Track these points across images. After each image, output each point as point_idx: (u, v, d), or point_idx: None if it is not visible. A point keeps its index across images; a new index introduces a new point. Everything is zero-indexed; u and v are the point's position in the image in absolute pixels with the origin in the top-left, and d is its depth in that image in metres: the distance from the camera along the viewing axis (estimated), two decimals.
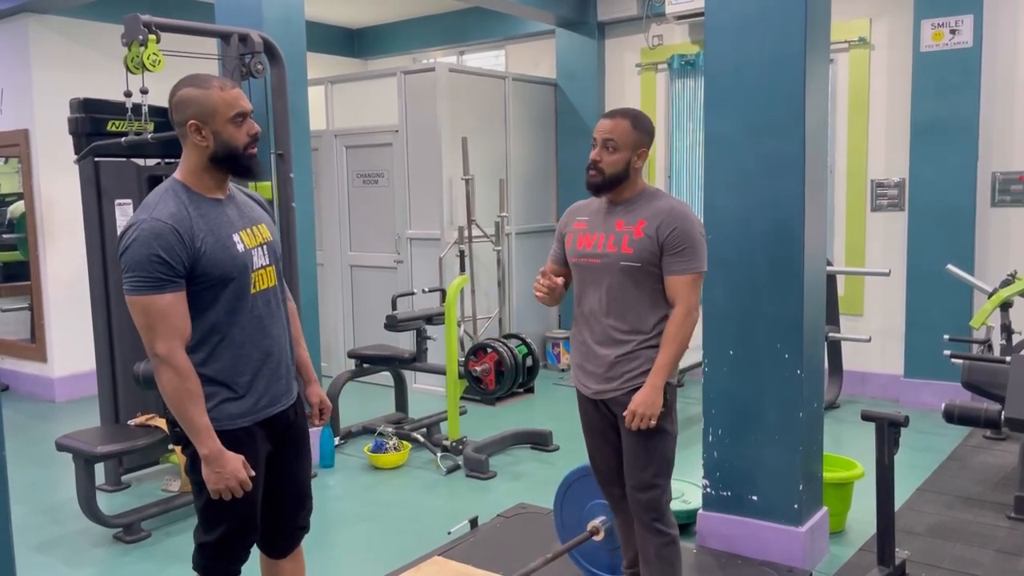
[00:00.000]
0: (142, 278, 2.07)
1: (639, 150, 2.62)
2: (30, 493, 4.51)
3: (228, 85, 2.22)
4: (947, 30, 5.46)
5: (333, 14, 8.11)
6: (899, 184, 5.92)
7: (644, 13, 6.82)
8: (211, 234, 2.15)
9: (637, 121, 2.63)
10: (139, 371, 4.26)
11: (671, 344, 2.56)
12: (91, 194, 4.42)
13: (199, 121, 2.16)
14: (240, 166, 2.22)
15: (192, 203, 2.17)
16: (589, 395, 2.72)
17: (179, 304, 2.11)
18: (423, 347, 5.32)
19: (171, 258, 2.07)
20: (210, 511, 2.27)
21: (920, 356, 5.67)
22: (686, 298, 2.55)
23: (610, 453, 2.75)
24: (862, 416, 3.15)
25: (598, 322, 2.65)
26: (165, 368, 2.11)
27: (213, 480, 2.15)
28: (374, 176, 6.79)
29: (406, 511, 4.19)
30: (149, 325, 2.09)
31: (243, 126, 2.20)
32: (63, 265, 6.41)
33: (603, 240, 2.64)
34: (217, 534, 2.28)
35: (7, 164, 6.90)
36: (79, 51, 6.41)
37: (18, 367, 6.74)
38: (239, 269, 2.19)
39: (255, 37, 4.39)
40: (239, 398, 2.23)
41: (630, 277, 2.57)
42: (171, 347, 2.10)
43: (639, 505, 2.65)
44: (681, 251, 2.54)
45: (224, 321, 2.19)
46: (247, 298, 2.22)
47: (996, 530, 3.74)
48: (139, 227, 2.09)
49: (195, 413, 2.13)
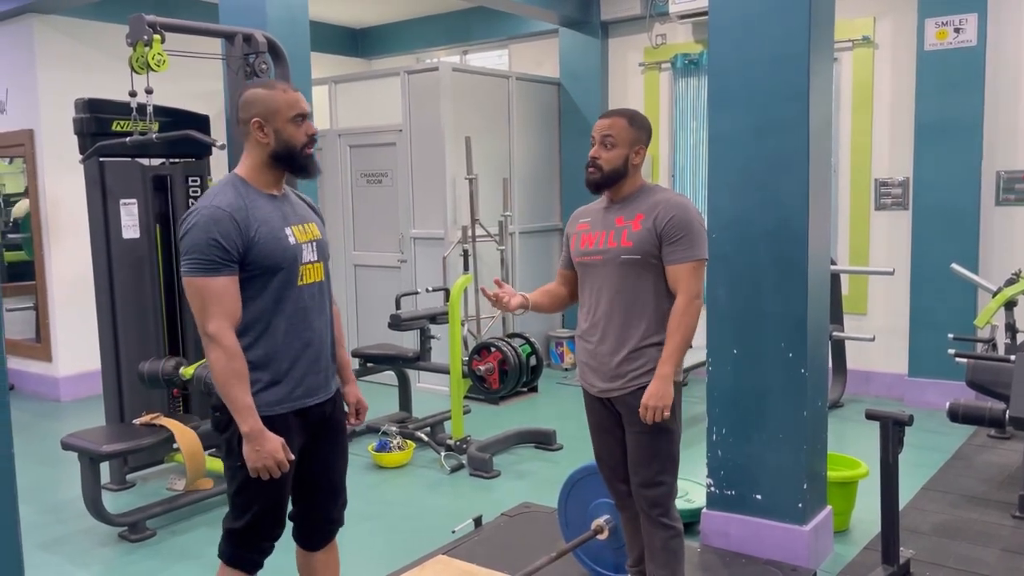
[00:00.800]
0: (199, 260, 2.19)
1: (636, 147, 2.65)
2: (35, 492, 4.52)
3: (291, 88, 2.37)
4: (951, 29, 5.45)
5: (337, 14, 8.12)
6: (903, 183, 5.92)
7: (647, 12, 6.82)
8: (265, 225, 2.27)
9: (634, 119, 2.67)
10: (144, 370, 4.28)
11: (675, 334, 2.57)
12: (96, 194, 4.43)
13: (262, 119, 2.30)
14: (297, 164, 2.36)
15: (249, 196, 2.30)
16: (595, 393, 2.73)
17: (232, 287, 2.23)
18: (427, 346, 5.33)
19: (227, 243, 2.19)
20: (240, 497, 2.35)
21: (924, 355, 5.67)
22: (687, 286, 2.57)
23: (616, 450, 2.77)
24: (866, 415, 3.15)
25: (602, 320, 2.66)
26: (214, 347, 2.20)
27: (252, 458, 2.23)
28: (378, 176, 6.79)
29: (410, 510, 4.20)
30: (202, 306, 2.21)
31: (302, 126, 2.33)
32: (68, 265, 6.42)
33: (603, 237, 2.67)
34: (245, 520, 2.35)
35: (12, 164, 6.92)
36: (84, 51, 6.42)
37: (23, 366, 6.76)
38: (288, 260, 2.30)
39: (259, 37, 4.40)
40: (277, 384, 2.31)
41: (632, 270, 2.60)
42: (221, 327, 2.20)
43: (644, 501, 2.68)
44: (679, 240, 2.56)
45: (270, 309, 2.29)
46: (294, 289, 2.33)
47: (1001, 529, 3.73)
48: (199, 213, 2.23)
49: (240, 392, 2.21)
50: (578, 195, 7.29)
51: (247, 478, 2.30)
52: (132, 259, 4.52)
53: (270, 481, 2.29)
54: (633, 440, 2.66)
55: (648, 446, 2.63)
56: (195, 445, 4.07)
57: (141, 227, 4.54)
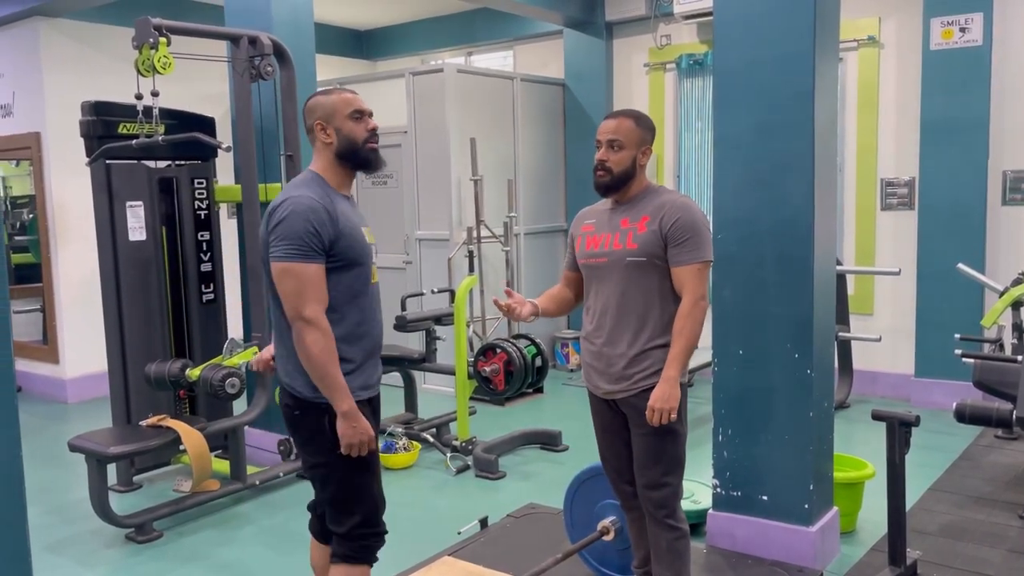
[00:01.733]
0: (296, 247, 2.27)
1: (643, 147, 2.66)
2: (43, 493, 4.54)
3: (348, 91, 2.49)
4: (957, 28, 5.44)
5: (342, 16, 8.13)
6: (909, 183, 5.90)
7: (652, 13, 6.81)
8: (348, 221, 2.38)
9: (640, 120, 2.68)
10: (150, 372, 4.29)
11: (681, 336, 2.57)
12: (102, 196, 4.44)
13: (324, 121, 2.42)
14: (360, 158, 2.45)
15: (329, 193, 2.40)
16: (600, 395, 2.74)
17: (323, 275, 2.32)
18: (432, 347, 5.33)
19: (322, 232, 2.30)
20: (350, 486, 2.42)
21: (931, 355, 5.65)
22: (692, 288, 2.57)
23: (621, 451, 2.77)
24: (873, 416, 3.14)
25: (607, 322, 2.67)
26: (312, 330, 2.28)
27: (349, 434, 2.32)
28: (383, 177, 6.80)
29: (416, 511, 4.20)
30: (299, 291, 2.28)
31: (361, 122, 2.44)
32: (75, 267, 6.45)
33: (609, 239, 2.67)
34: (366, 507, 2.44)
35: (19, 167, 6.95)
36: (90, 54, 6.45)
37: (31, 368, 6.78)
38: (366, 256, 2.44)
39: (264, 39, 4.41)
40: (351, 374, 2.39)
41: (637, 273, 2.60)
42: (318, 312, 2.29)
43: (651, 502, 2.68)
44: (684, 241, 2.56)
45: (347, 301, 2.39)
46: (368, 284, 2.45)
47: (1008, 529, 3.72)
48: (296, 201, 2.31)
49: (337, 372, 2.31)
50: (583, 196, 7.32)
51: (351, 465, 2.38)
52: (138, 261, 4.54)
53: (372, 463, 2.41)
54: (639, 441, 2.67)
55: (654, 447, 2.63)
56: (201, 446, 4.08)
57: (147, 229, 4.55)
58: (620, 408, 2.70)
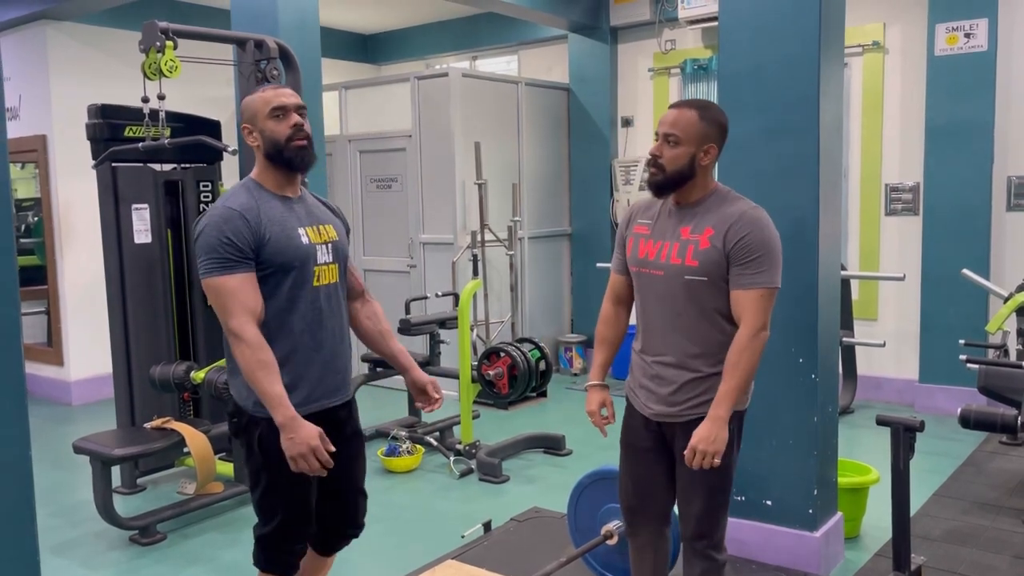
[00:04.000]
0: (213, 260, 2.21)
1: (706, 145, 2.32)
2: (47, 495, 4.54)
3: (276, 87, 2.39)
4: (961, 34, 5.44)
5: (347, 20, 8.15)
6: (914, 188, 5.90)
7: (657, 18, 6.82)
8: (277, 224, 2.29)
9: (705, 111, 2.34)
10: (155, 374, 4.30)
11: (734, 371, 2.27)
12: (108, 199, 4.46)
13: (249, 124, 2.35)
14: (284, 158, 2.33)
15: (262, 198, 2.32)
16: (648, 415, 2.46)
17: (248, 283, 2.23)
18: (436, 351, 5.33)
19: (239, 240, 2.21)
20: (265, 502, 2.38)
21: (935, 361, 5.64)
22: (752, 317, 2.25)
23: (643, 474, 2.52)
24: (877, 421, 3.13)
25: (664, 340, 2.40)
26: (237, 342, 2.21)
27: (289, 447, 2.19)
28: (388, 181, 6.81)
29: (419, 515, 4.20)
30: (222, 304, 2.22)
31: (284, 120, 2.32)
32: (80, 269, 6.46)
33: (667, 249, 2.36)
34: (274, 525, 2.37)
35: (24, 169, 6.97)
36: (97, 57, 6.47)
37: (35, 371, 6.80)
38: (301, 260, 2.31)
39: (270, 43, 4.42)
40: (296, 387, 2.31)
41: (697, 291, 2.31)
42: (241, 322, 2.21)
43: (692, 534, 2.46)
44: (749, 262, 2.25)
45: (285, 308, 2.30)
46: (309, 290, 2.33)
47: (1013, 536, 3.71)
48: (211, 215, 2.26)
49: (268, 383, 2.19)
50: (587, 200, 7.36)
51: (269, 483, 2.33)
52: (144, 264, 4.55)
53: (296, 482, 2.30)
54: (687, 470, 2.38)
55: (700, 476, 2.37)
56: (206, 449, 4.09)
57: (153, 232, 4.56)
58: (663, 431, 2.46)
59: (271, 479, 2.33)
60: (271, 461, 2.30)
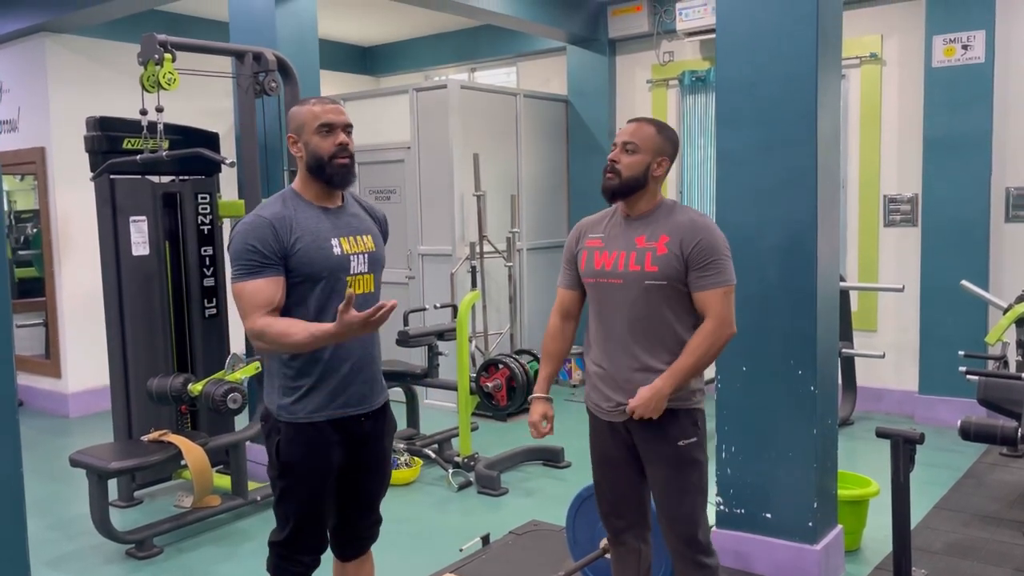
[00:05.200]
0: (238, 267, 2.27)
1: (659, 157, 2.49)
2: (43, 508, 4.52)
3: (325, 101, 2.41)
4: (959, 46, 5.46)
5: (346, 32, 8.18)
6: (912, 199, 5.91)
7: (655, 30, 6.85)
8: (310, 234, 2.32)
9: (662, 128, 2.53)
10: (152, 387, 4.28)
11: (692, 354, 2.41)
12: (106, 211, 4.45)
13: (295, 134, 2.40)
14: (325, 174, 2.37)
15: (298, 207, 2.37)
16: (605, 415, 2.55)
17: (267, 285, 2.26)
18: (435, 363, 5.32)
19: (264, 247, 2.26)
20: (279, 508, 2.45)
21: (935, 372, 5.63)
22: (718, 312, 2.41)
23: (619, 482, 2.59)
24: (877, 433, 3.12)
25: (623, 345, 2.48)
26: (256, 339, 2.26)
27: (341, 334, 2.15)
28: (386, 192, 6.82)
29: (417, 528, 4.18)
30: (240, 308, 2.28)
31: (330, 136, 2.35)
32: (78, 281, 6.45)
33: (623, 258, 2.48)
34: (287, 532, 2.43)
35: (23, 181, 6.97)
36: (95, 70, 6.48)
37: (32, 383, 6.78)
38: (330, 270, 2.34)
39: (269, 56, 4.43)
40: (316, 391, 2.36)
41: (656, 296, 2.43)
42: (254, 319, 2.25)
43: (678, 541, 2.51)
44: (708, 264, 2.40)
45: (314, 317, 2.31)
46: (333, 299, 2.33)
47: (1014, 548, 3.69)
48: (242, 223, 2.33)
49: (297, 340, 2.20)
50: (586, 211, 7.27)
51: (287, 488, 2.40)
52: (141, 276, 4.54)
53: (308, 492, 2.38)
54: (657, 475, 2.49)
55: (676, 482, 2.47)
56: (203, 462, 4.07)
57: (151, 244, 4.56)
58: (628, 435, 2.52)
59: (286, 485, 2.40)
60: (287, 468, 2.38)
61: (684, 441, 2.47)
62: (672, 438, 2.47)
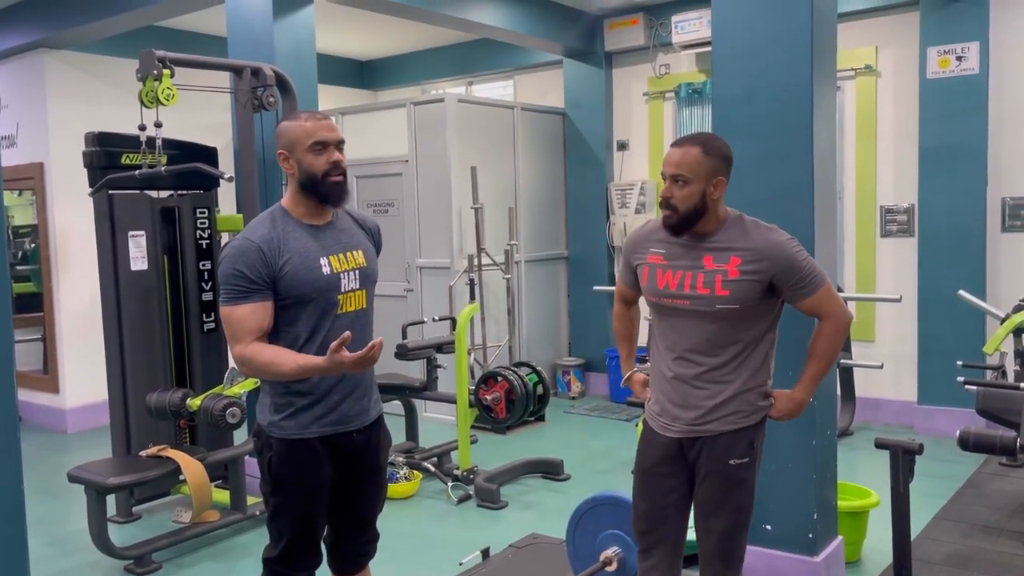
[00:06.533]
0: (227, 290, 2.28)
1: (714, 179, 2.34)
2: (41, 525, 4.51)
3: (316, 117, 2.37)
4: (953, 57, 5.49)
5: (344, 47, 8.21)
6: (908, 210, 5.92)
7: (651, 43, 6.88)
8: (298, 255, 2.31)
9: (708, 146, 2.36)
10: (151, 402, 4.28)
11: (821, 358, 2.47)
12: (105, 226, 4.46)
13: (286, 151, 2.36)
14: (319, 192, 2.35)
15: (287, 227, 2.34)
16: (671, 435, 2.48)
17: (255, 311, 2.27)
18: (433, 376, 5.31)
19: (251, 272, 2.26)
20: (272, 524, 2.44)
21: (933, 382, 5.64)
22: (829, 310, 2.41)
23: (660, 501, 2.51)
24: (876, 444, 3.13)
25: (694, 362, 2.42)
26: (243, 365, 2.28)
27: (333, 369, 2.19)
28: (384, 205, 6.83)
29: (417, 541, 4.17)
30: (228, 333, 2.29)
31: (323, 154, 2.32)
32: (76, 296, 6.45)
33: (690, 279, 2.38)
34: (280, 549, 2.42)
35: (21, 196, 6.98)
36: (94, 85, 6.50)
37: (31, 398, 6.76)
38: (320, 291, 2.33)
39: (267, 71, 4.45)
40: (309, 408, 2.35)
41: (728, 318, 2.37)
42: (242, 346, 2.26)
43: (715, 555, 2.48)
44: (799, 278, 2.36)
45: (305, 338, 2.33)
46: (332, 317, 2.35)
47: (1014, 559, 3.69)
48: (231, 246, 2.31)
49: (284, 371, 2.24)
50: (584, 223, 7.38)
51: (279, 504, 2.39)
52: (140, 291, 4.54)
53: (301, 507, 2.37)
54: (707, 492, 2.46)
55: (723, 498, 2.44)
56: (201, 477, 4.06)
57: (149, 259, 4.56)
58: (684, 452, 2.48)
59: (279, 501, 2.39)
60: (279, 484, 2.38)
61: (736, 460, 2.43)
62: (725, 457, 2.43)
